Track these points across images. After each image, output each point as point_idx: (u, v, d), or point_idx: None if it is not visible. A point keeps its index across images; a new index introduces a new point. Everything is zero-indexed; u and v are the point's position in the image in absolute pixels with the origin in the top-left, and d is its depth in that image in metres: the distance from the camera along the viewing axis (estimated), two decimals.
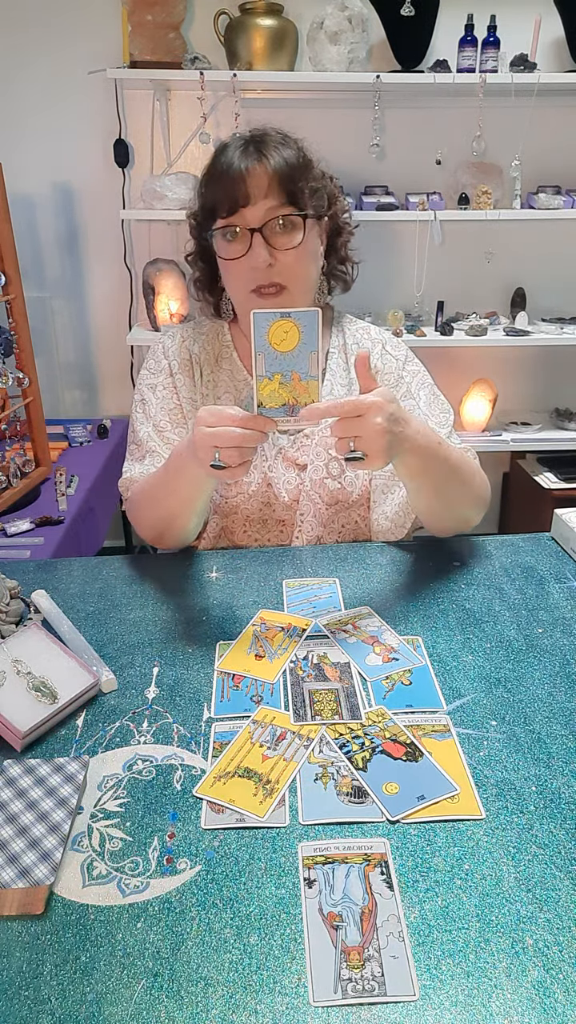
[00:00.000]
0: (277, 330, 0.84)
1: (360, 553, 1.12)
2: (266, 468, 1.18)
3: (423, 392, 1.19)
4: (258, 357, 0.85)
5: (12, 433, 1.96)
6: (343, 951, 0.56)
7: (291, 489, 1.18)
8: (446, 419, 1.17)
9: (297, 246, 1.05)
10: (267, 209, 1.03)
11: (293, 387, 0.86)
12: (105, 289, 2.73)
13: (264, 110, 2.47)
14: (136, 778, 0.72)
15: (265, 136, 1.07)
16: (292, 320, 0.84)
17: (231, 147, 1.06)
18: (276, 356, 0.85)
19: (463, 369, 2.79)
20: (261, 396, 0.87)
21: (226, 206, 1.04)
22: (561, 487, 2.63)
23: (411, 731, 0.77)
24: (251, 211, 1.04)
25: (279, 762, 0.73)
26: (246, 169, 1.02)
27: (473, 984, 0.54)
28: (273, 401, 0.87)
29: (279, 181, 1.03)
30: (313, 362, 0.86)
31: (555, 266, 2.76)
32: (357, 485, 1.19)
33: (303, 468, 1.18)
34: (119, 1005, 0.53)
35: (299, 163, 1.06)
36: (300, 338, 0.85)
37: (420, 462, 0.96)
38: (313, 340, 0.85)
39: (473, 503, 1.10)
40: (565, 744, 0.76)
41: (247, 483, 1.18)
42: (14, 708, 0.77)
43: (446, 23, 2.38)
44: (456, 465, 1.02)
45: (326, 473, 1.18)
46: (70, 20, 2.42)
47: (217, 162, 1.07)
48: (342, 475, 1.18)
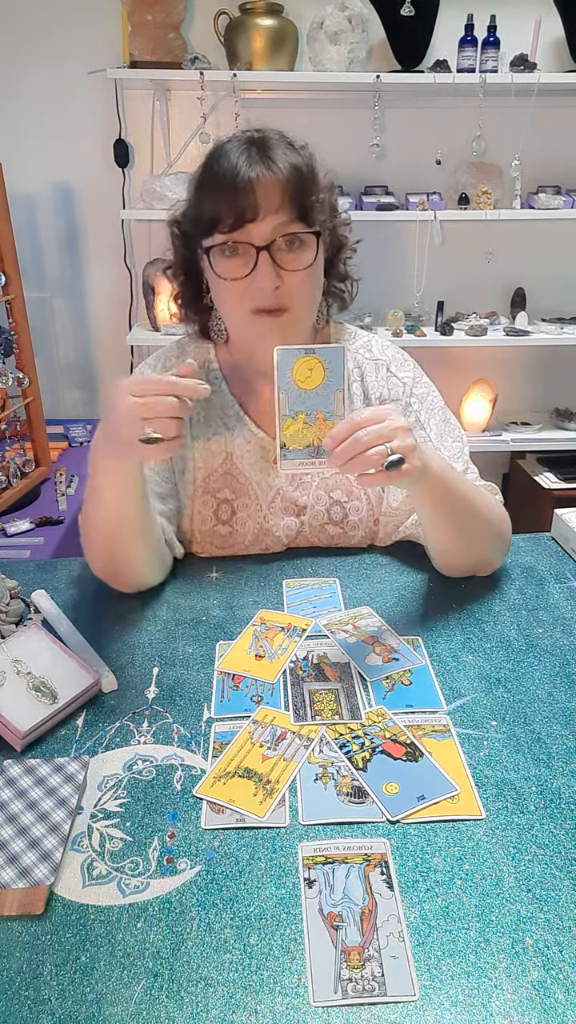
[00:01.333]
0: (301, 367, 0.81)
1: (360, 553, 1.12)
2: (261, 518, 1.10)
3: (433, 421, 1.09)
4: (281, 396, 0.81)
5: (12, 433, 1.96)
6: (343, 951, 0.56)
7: (290, 534, 1.11)
8: (460, 450, 1.08)
9: (308, 267, 0.95)
10: (276, 225, 0.92)
11: (318, 427, 0.82)
12: (105, 289, 2.73)
13: (264, 110, 2.47)
14: (136, 778, 0.72)
15: (267, 139, 0.95)
16: (317, 357, 0.81)
17: (231, 150, 0.93)
18: (300, 394, 0.82)
19: (463, 369, 2.79)
20: (284, 437, 0.83)
21: (230, 220, 0.92)
22: (561, 487, 2.63)
23: (411, 731, 0.77)
24: (258, 227, 0.92)
25: (279, 762, 0.73)
26: (256, 178, 0.90)
27: (473, 984, 0.54)
28: (297, 442, 0.83)
29: (290, 194, 0.92)
30: (339, 401, 0.82)
31: (555, 266, 2.76)
32: (360, 529, 1.11)
33: (302, 510, 1.10)
34: (119, 1005, 0.53)
35: (308, 172, 0.95)
36: (325, 375, 0.81)
37: (440, 487, 0.90)
38: (339, 378, 0.81)
39: (493, 542, 1.03)
40: (565, 744, 0.76)
41: (242, 535, 1.10)
42: (14, 708, 0.77)
43: (446, 23, 2.38)
44: (475, 498, 0.97)
45: (327, 519, 1.10)
46: (70, 20, 2.42)
47: (216, 167, 0.94)
48: (344, 520, 1.11)
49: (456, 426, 1.11)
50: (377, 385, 1.10)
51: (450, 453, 1.07)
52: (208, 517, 1.10)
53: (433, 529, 0.99)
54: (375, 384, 1.10)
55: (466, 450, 1.09)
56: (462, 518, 0.96)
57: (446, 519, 0.96)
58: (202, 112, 2.33)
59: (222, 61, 2.40)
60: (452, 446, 1.08)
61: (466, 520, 0.97)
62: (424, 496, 0.91)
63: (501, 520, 1.03)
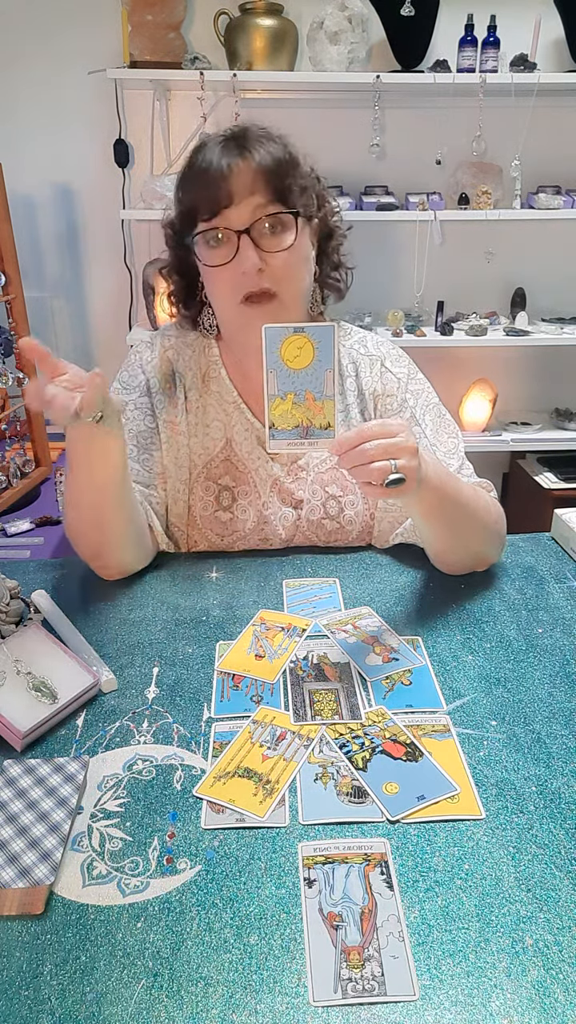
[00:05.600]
0: (290, 346, 0.80)
1: (360, 553, 1.12)
2: (260, 506, 1.11)
3: (428, 417, 1.10)
4: (269, 375, 0.80)
5: (12, 433, 1.96)
6: (343, 951, 0.56)
7: (288, 526, 1.12)
8: (455, 446, 1.09)
9: (288, 247, 0.97)
10: (253, 208, 0.95)
11: (307, 407, 0.81)
12: (105, 289, 2.73)
13: (264, 110, 2.47)
14: (136, 778, 0.72)
15: (246, 131, 0.98)
16: (306, 336, 0.79)
17: (209, 145, 0.97)
18: (289, 374, 0.80)
19: (463, 369, 2.79)
20: (273, 417, 0.82)
21: (207, 207, 0.96)
22: (561, 487, 2.63)
23: (411, 731, 0.77)
24: (236, 211, 0.95)
25: (279, 762, 0.73)
26: (228, 166, 0.94)
27: (473, 984, 0.54)
28: (286, 422, 0.82)
29: (265, 177, 0.95)
30: (329, 381, 0.81)
31: (555, 266, 2.76)
32: (356, 524, 1.12)
33: (299, 503, 1.11)
34: (119, 1005, 0.53)
35: (285, 158, 0.97)
36: (315, 355, 0.80)
37: (436, 498, 0.91)
38: (329, 357, 0.80)
39: (489, 540, 1.04)
40: (565, 744, 0.76)
41: (243, 521, 1.11)
42: (14, 708, 0.77)
43: (446, 23, 2.39)
44: (469, 500, 0.97)
45: (323, 513, 1.11)
46: (70, 21, 2.42)
47: (194, 162, 0.98)
48: (340, 514, 1.11)
49: (451, 422, 1.12)
50: (371, 380, 1.11)
51: (445, 449, 1.08)
52: (210, 502, 1.11)
53: (429, 533, 1.00)
54: (369, 379, 1.11)
55: (461, 446, 1.10)
56: (457, 522, 0.97)
57: (441, 525, 0.97)
58: (202, 112, 2.33)
59: (222, 61, 2.40)
60: (447, 442, 1.09)
61: (461, 523, 0.98)
62: (419, 506, 0.92)
63: (497, 518, 1.04)
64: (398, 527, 1.11)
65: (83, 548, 1.03)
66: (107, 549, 1.02)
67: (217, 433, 1.11)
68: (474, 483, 1.06)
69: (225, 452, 1.11)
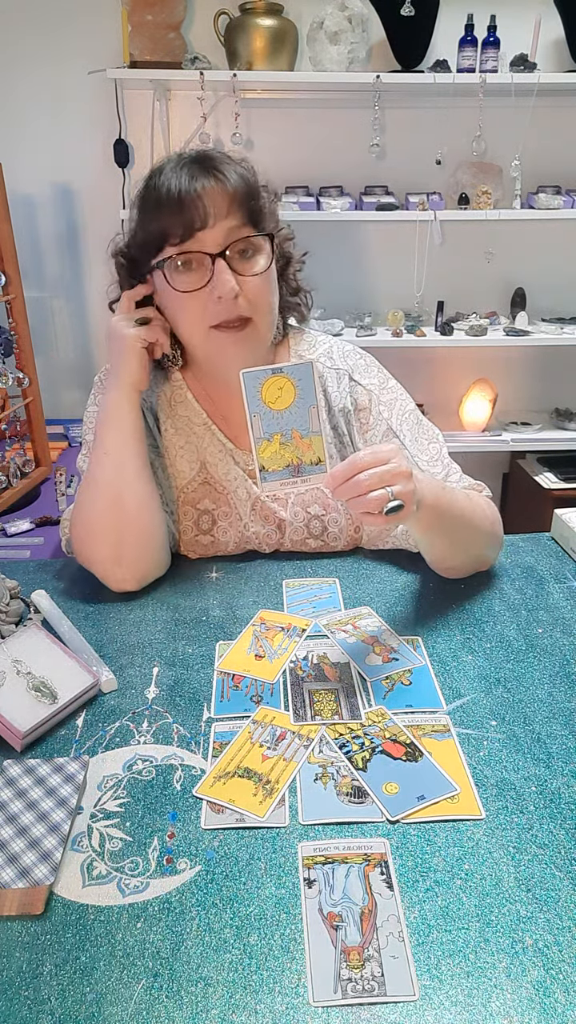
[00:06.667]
0: (270, 388, 0.80)
1: (360, 553, 1.12)
2: (241, 527, 1.09)
3: (406, 426, 1.08)
4: (253, 419, 0.80)
5: (12, 433, 1.96)
6: (343, 951, 0.56)
7: (271, 543, 1.11)
8: (437, 451, 1.07)
9: (263, 271, 0.95)
10: (228, 231, 0.92)
11: (295, 446, 0.81)
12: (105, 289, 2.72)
13: (264, 110, 2.47)
14: (136, 778, 0.72)
15: (208, 155, 0.95)
16: (285, 376, 0.79)
17: (169, 169, 0.94)
18: (273, 415, 0.80)
19: (463, 369, 2.79)
20: (262, 460, 0.81)
21: (179, 231, 0.92)
22: (561, 487, 2.63)
23: (411, 731, 0.77)
24: (210, 234, 0.92)
25: (279, 762, 0.73)
26: (201, 188, 0.91)
27: (473, 984, 0.54)
28: (275, 464, 0.82)
29: (239, 200, 0.93)
30: (314, 416, 0.81)
31: (555, 266, 2.76)
32: (341, 540, 1.11)
33: (281, 523, 1.10)
34: (119, 1005, 0.53)
35: (254, 181, 0.97)
36: (296, 393, 0.80)
37: (433, 515, 0.90)
38: (310, 394, 0.80)
39: (487, 543, 1.03)
40: (565, 744, 0.76)
41: (224, 543, 1.10)
42: (14, 708, 0.77)
43: (446, 23, 2.38)
44: (465, 510, 0.96)
45: (307, 533, 1.10)
46: (70, 20, 2.42)
47: (157, 187, 0.94)
48: (324, 532, 1.10)
49: (429, 427, 1.10)
50: (340, 396, 1.08)
51: (428, 457, 1.07)
52: (189, 527, 1.10)
53: (428, 545, 1.00)
54: (337, 395, 1.08)
55: (444, 450, 1.08)
56: (456, 533, 0.97)
57: (440, 537, 0.97)
58: (202, 112, 2.33)
59: (222, 61, 2.40)
60: (429, 448, 1.08)
61: (460, 533, 0.97)
62: (417, 525, 0.92)
63: (494, 521, 1.04)
64: (387, 536, 1.10)
65: (102, 548, 1.00)
66: (130, 543, 0.99)
67: (191, 455, 1.09)
68: (466, 486, 1.06)
69: (202, 475, 1.09)
